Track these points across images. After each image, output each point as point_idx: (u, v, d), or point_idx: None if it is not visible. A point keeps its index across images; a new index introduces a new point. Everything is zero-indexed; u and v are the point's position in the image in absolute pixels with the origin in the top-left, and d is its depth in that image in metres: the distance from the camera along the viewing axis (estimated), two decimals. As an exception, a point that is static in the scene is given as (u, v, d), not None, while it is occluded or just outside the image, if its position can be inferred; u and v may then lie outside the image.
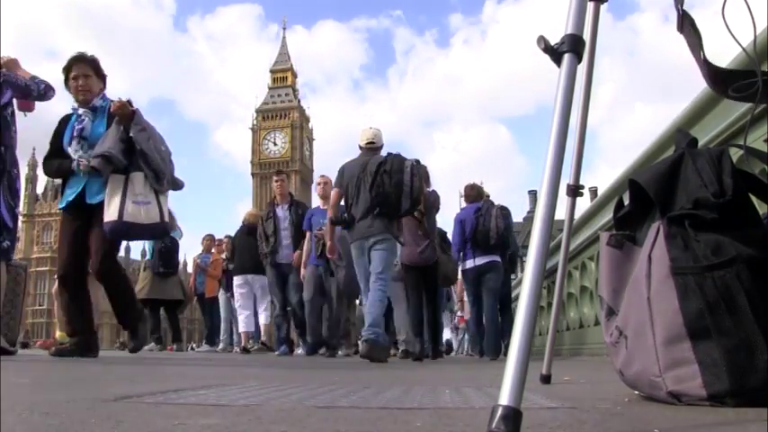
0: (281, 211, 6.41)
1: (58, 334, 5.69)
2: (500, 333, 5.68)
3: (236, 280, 7.22)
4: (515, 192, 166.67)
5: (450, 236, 6.00)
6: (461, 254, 5.77)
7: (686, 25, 1.20)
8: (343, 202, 4.47)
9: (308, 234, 5.94)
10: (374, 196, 4.06)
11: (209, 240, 8.80)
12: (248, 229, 7.03)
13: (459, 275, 6.33)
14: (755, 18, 1.14)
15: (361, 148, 4.63)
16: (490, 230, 5.43)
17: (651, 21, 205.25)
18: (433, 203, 5.16)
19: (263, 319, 7.28)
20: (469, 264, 5.70)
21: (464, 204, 6.07)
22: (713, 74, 1.25)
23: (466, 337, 11.87)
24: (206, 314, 8.64)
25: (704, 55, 1.21)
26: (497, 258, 5.67)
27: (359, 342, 4.47)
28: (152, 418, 0.94)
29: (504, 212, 5.63)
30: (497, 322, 5.79)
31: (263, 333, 7.50)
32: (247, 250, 6.88)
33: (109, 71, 3.66)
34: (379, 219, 4.13)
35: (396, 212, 4.16)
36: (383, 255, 4.15)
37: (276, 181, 6.72)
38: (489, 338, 5.73)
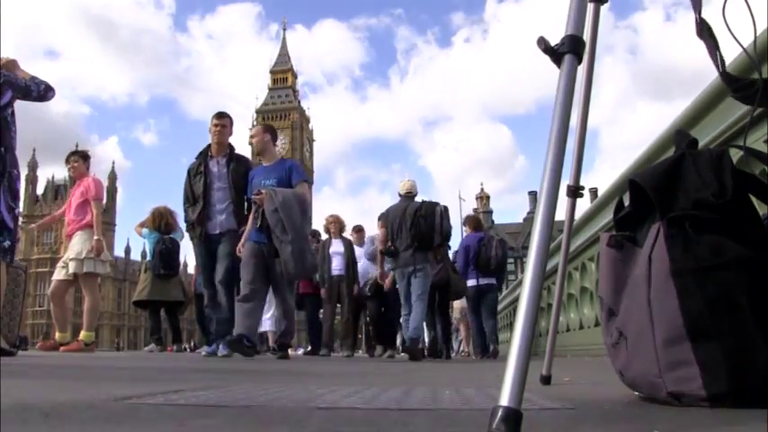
0: (216, 166, 4.86)
1: (57, 335, 5.68)
2: (496, 338, 7.03)
3: None
4: (515, 192, 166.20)
5: (452, 257, 6.99)
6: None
7: (704, 31, 1.20)
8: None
9: (253, 206, 4.63)
10: (413, 235, 5.27)
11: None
12: None
13: None
14: (755, 18, 1.14)
15: (400, 195, 5.65)
16: (491, 258, 6.69)
17: (653, 19, 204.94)
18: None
19: (268, 325, 7.29)
20: (472, 283, 6.76)
21: (467, 231, 7.22)
22: (729, 81, 1.25)
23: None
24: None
25: (721, 60, 1.21)
26: (494, 281, 6.95)
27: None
28: (152, 418, 0.94)
29: (503, 244, 7.06)
30: (494, 330, 7.01)
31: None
32: None
33: (109, 70, 3.53)
34: (417, 252, 5.28)
35: (429, 246, 5.34)
36: (423, 280, 5.30)
37: (216, 125, 4.90)
38: (489, 341, 6.84)
